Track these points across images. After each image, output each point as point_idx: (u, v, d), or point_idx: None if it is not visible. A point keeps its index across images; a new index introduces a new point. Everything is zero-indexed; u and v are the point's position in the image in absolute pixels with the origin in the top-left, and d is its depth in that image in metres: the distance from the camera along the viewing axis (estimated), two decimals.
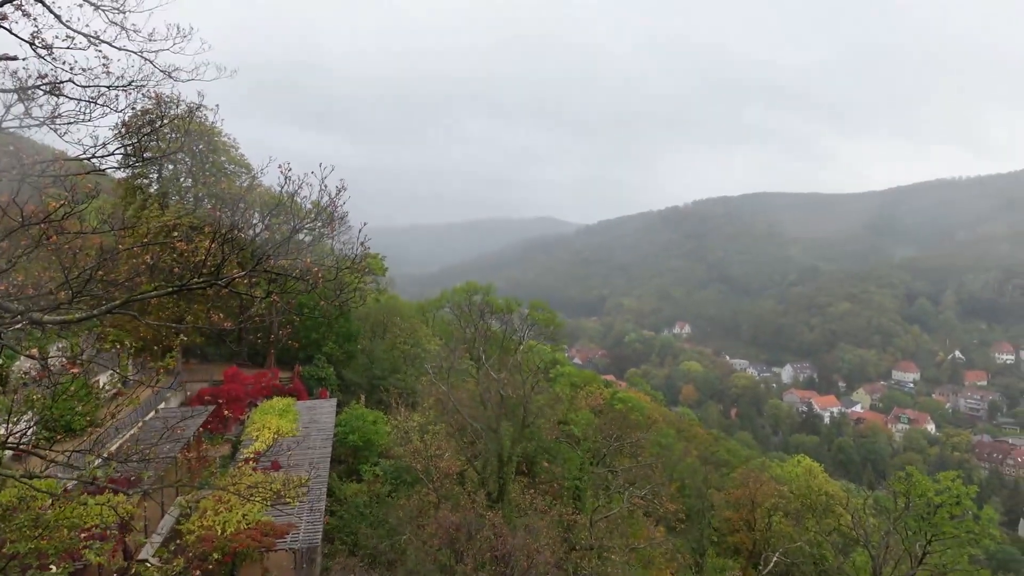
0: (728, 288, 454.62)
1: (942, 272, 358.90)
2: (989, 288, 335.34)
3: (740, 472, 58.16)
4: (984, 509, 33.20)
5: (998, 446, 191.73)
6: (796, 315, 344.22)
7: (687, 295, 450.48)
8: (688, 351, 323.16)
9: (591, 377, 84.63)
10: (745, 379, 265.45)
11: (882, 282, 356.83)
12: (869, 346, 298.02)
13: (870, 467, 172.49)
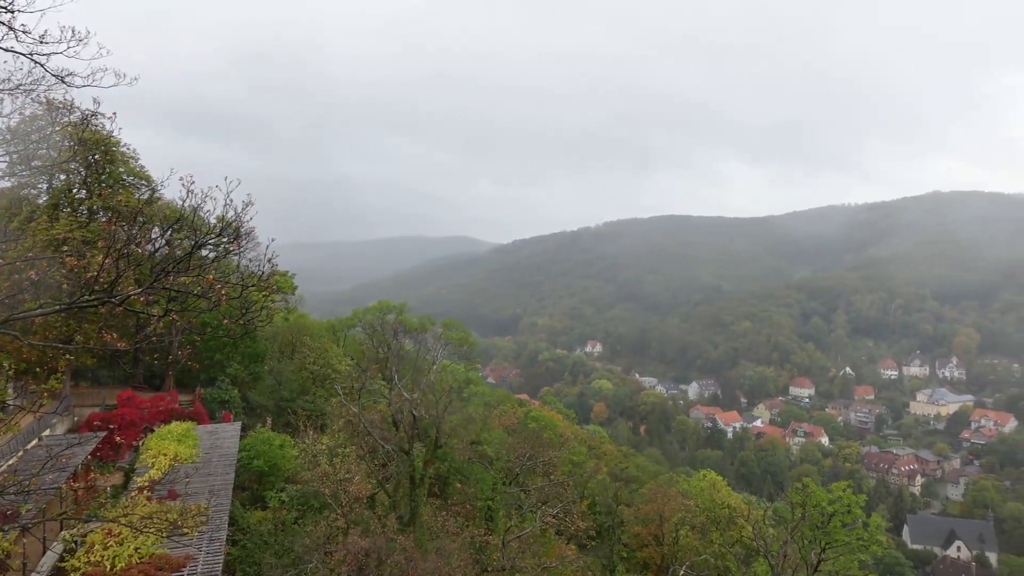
0: (638, 307, 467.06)
1: (833, 292, 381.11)
2: (875, 308, 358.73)
3: (649, 488, 59.44)
4: (872, 516, 35.23)
5: (884, 456, 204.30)
6: (702, 333, 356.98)
7: (598, 314, 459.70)
8: (599, 369, 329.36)
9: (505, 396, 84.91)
10: (654, 396, 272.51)
11: (780, 302, 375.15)
12: (768, 363, 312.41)
13: (770, 479, 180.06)
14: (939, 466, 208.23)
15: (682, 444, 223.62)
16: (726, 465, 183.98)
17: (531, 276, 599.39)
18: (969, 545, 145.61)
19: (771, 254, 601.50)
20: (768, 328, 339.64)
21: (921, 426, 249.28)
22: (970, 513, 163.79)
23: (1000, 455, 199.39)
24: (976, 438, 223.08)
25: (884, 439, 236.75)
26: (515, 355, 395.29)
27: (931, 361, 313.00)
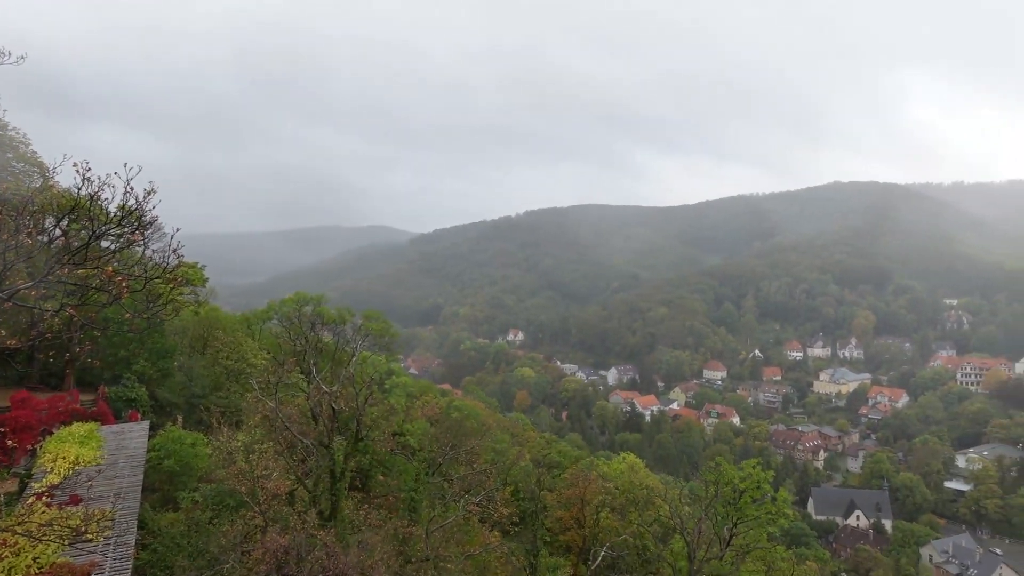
0: (558, 295, 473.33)
1: (743, 279, 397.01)
2: (782, 292, 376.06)
3: (570, 472, 60.41)
4: (780, 491, 37.07)
5: (790, 434, 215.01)
6: (620, 320, 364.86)
7: (520, 303, 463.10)
8: (521, 357, 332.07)
9: (427, 386, 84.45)
10: (575, 383, 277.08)
11: (694, 288, 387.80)
12: (684, 347, 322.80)
13: (686, 459, 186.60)
14: (840, 441, 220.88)
15: (602, 428, 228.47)
16: (644, 447, 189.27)
17: (452, 266, 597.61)
18: (867, 514, 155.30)
19: (685, 243, 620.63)
20: (683, 314, 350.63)
21: (824, 404, 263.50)
22: (868, 484, 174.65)
23: (894, 429, 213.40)
24: (873, 414, 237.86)
25: (791, 417, 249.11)
26: (437, 345, 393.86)
27: (833, 342, 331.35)
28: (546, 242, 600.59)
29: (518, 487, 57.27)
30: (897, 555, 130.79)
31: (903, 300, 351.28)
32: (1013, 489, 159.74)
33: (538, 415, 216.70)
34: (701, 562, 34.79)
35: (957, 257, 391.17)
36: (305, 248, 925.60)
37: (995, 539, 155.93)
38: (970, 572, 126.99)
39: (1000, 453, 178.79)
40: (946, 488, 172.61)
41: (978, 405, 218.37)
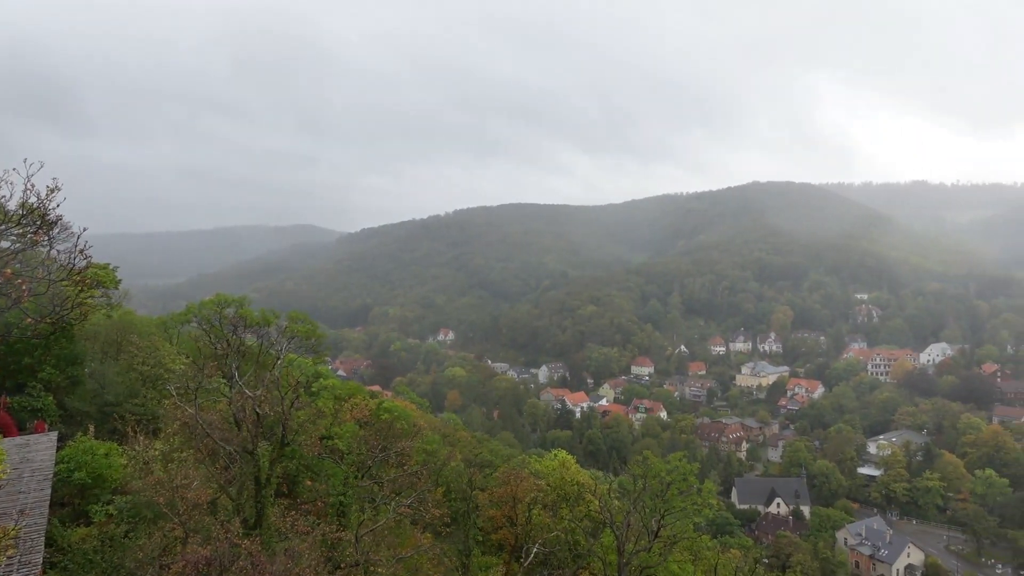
0: (488, 294, 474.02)
1: (669, 276, 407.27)
2: (705, 289, 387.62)
3: (502, 471, 60.51)
4: (705, 483, 38.25)
5: (715, 426, 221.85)
6: (550, 318, 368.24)
7: (450, 302, 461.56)
8: (452, 357, 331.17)
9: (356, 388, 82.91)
10: (506, 381, 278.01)
11: (621, 286, 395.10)
12: (612, 344, 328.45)
13: (615, 454, 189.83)
14: (761, 432, 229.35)
15: (534, 426, 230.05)
16: (575, 444, 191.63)
17: (381, 265, 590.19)
18: (787, 501, 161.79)
19: (612, 241, 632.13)
20: (611, 311, 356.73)
21: (746, 396, 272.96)
22: (787, 472, 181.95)
23: (811, 419, 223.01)
24: (791, 405, 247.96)
25: (715, 410, 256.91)
26: (366, 346, 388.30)
27: (753, 337, 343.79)
28: (476, 241, 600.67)
29: (450, 487, 57.01)
30: (815, 539, 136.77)
31: (818, 295, 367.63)
32: (919, 472, 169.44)
33: (469, 415, 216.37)
34: (630, 555, 35.44)
35: (866, 254, 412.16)
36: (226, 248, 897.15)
37: (903, 520, 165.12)
38: (881, 552, 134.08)
39: (907, 439, 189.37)
40: (859, 474, 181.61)
41: (887, 394, 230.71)
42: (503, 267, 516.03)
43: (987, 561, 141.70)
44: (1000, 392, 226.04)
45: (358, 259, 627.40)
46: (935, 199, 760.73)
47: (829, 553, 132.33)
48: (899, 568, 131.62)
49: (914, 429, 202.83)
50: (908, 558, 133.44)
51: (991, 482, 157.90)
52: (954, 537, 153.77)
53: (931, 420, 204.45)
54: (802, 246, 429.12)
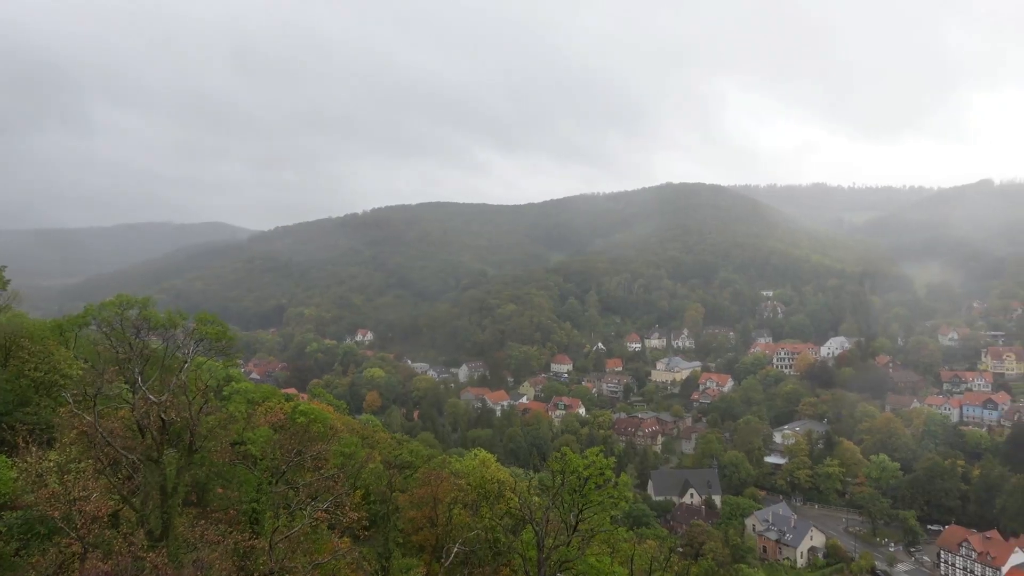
0: (408, 293, 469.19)
1: (586, 275, 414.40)
2: (621, 288, 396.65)
3: (423, 472, 60.13)
4: (621, 476, 39.05)
5: (631, 421, 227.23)
6: (470, 317, 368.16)
7: (368, 302, 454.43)
8: (371, 358, 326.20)
9: (270, 392, 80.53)
10: (426, 381, 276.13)
11: (540, 285, 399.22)
12: (532, 342, 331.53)
13: (535, 451, 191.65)
14: (675, 425, 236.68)
15: (454, 426, 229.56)
16: (496, 442, 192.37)
17: (296, 265, 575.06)
18: (699, 491, 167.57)
19: (531, 240, 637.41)
20: (531, 310, 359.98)
21: (661, 391, 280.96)
22: (700, 463, 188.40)
23: (721, 411, 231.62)
24: (703, 398, 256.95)
25: (631, 405, 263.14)
26: (281, 348, 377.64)
27: (668, 333, 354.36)
28: (395, 240, 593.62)
29: (369, 490, 56.11)
30: (726, 527, 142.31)
31: (727, 293, 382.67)
32: (820, 460, 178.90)
33: (389, 416, 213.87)
34: (550, 550, 35.85)
35: (771, 253, 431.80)
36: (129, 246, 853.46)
37: (807, 505, 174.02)
38: (786, 537, 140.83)
39: (809, 428, 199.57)
40: (766, 463, 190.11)
41: (791, 386, 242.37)
42: (423, 266, 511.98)
43: (881, 541, 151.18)
44: (892, 381, 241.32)
45: (272, 258, 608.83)
46: (834, 201, 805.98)
47: (739, 539, 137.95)
48: (803, 551, 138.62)
49: (816, 419, 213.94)
50: (811, 541, 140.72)
51: (884, 466, 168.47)
52: (852, 519, 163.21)
53: (831, 410, 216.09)
54: (712, 245, 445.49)
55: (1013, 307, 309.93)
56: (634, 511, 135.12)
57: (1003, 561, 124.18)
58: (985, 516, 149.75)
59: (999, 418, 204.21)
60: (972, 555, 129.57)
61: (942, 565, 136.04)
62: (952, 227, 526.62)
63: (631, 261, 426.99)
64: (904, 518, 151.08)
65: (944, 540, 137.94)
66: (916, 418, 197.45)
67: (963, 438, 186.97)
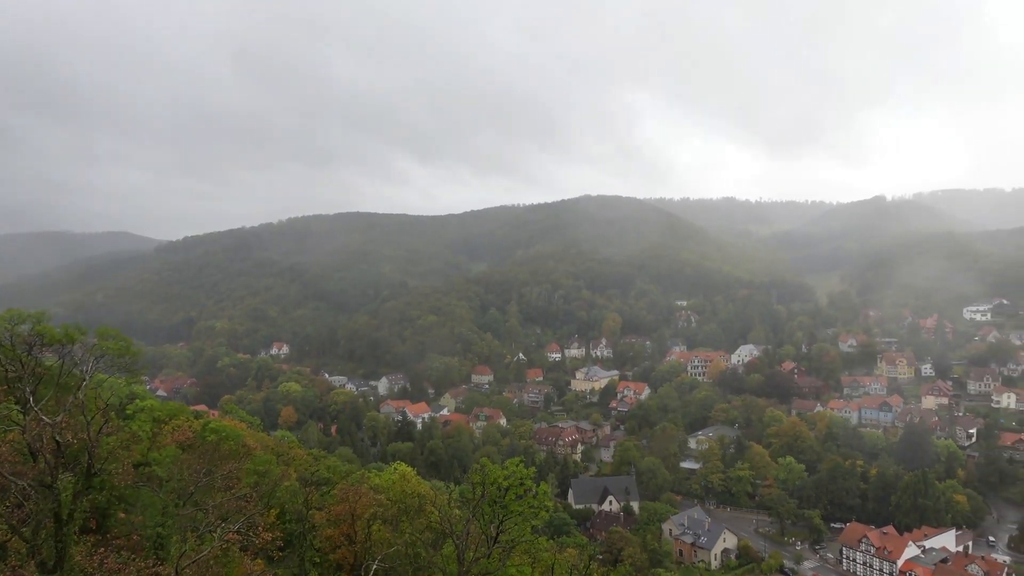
0: (326, 305, 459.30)
1: (507, 285, 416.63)
2: (542, 298, 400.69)
3: (340, 488, 58.71)
4: (541, 485, 39.23)
5: (552, 430, 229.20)
6: (390, 329, 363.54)
7: (284, 314, 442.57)
8: (287, 372, 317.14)
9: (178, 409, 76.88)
10: (344, 395, 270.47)
11: (461, 295, 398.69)
12: (453, 354, 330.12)
13: (457, 464, 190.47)
14: (595, 434, 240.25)
15: (374, 440, 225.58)
16: (417, 456, 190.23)
17: (207, 276, 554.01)
18: (618, 498, 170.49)
19: (452, 251, 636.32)
20: (451, 321, 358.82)
21: (580, 400, 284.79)
22: (618, 471, 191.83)
23: (639, 419, 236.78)
24: (621, 406, 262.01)
25: (552, 415, 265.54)
26: (190, 363, 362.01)
27: (587, 343, 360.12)
28: (312, 250, 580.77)
29: (284, 509, 54.39)
30: (643, 532, 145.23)
31: (643, 303, 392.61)
32: (732, 463, 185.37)
33: (306, 431, 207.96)
34: (470, 563, 35.63)
35: (685, 264, 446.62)
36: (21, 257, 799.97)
37: (720, 508, 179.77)
38: (701, 539, 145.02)
39: (722, 433, 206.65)
40: (681, 468, 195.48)
41: (704, 392, 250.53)
42: (341, 277, 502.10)
43: (789, 540, 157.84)
44: (797, 387, 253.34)
45: (180, 269, 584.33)
46: (743, 214, 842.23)
47: (656, 544, 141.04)
48: (716, 553, 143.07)
49: (727, 424, 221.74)
50: (724, 543, 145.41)
51: (791, 468, 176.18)
52: (762, 520, 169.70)
53: (741, 415, 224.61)
54: (629, 256, 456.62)
55: (904, 315, 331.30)
56: (555, 520, 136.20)
57: (899, 555, 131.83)
58: (882, 512, 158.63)
59: (893, 419, 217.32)
60: (871, 550, 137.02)
61: (844, 561, 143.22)
62: (849, 240, 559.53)
63: (551, 272, 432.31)
64: (809, 517, 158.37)
65: (846, 537, 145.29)
66: (819, 421, 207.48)
67: (862, 439, 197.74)
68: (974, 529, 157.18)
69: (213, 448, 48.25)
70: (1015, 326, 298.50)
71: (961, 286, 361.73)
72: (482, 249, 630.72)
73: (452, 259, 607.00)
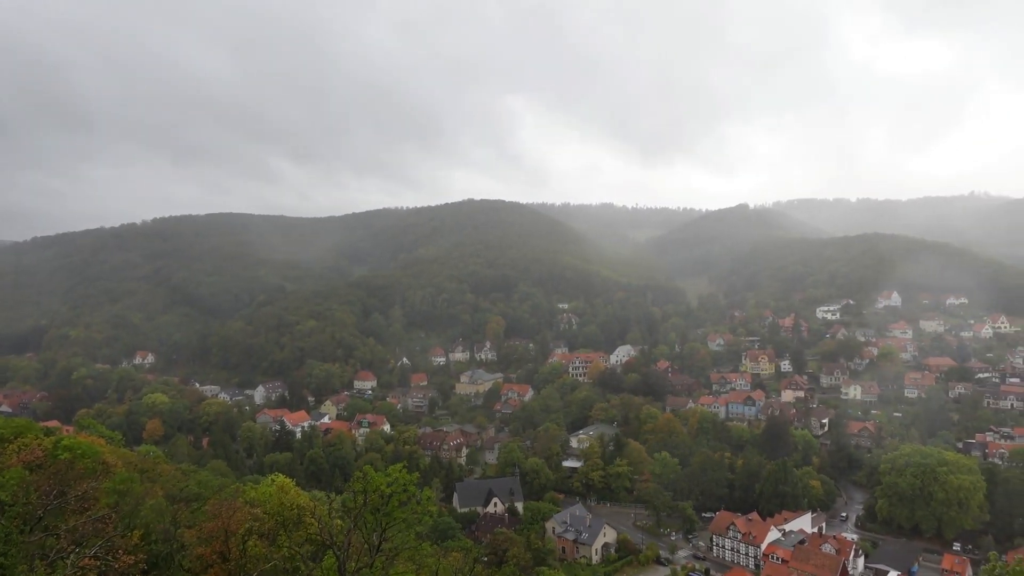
0: (196, 311, 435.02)
1: (390, 289, 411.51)
2: (426, 302, 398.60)
3: (213, 503, 55.61)
4: (424, 491, 38.82)
5: (436, 435, 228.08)
6: (267, 335, 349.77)
7: (149, 320, 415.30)
8: (152, 382, 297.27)
9: (25, 426, 70.26)
10: (217, 405, 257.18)
11: (343, 299, 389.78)
12: (334, 360, 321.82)
13: (338, 472, 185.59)
14: (479, 436, 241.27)
15: (250, 451, 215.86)
16: (296, 466, 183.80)
17: (60, 280, 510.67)
18: (502, 499, 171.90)
19: (333, 254, 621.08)
20: (332, 326, 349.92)
21: (465, 404, 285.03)
22: (503, 472, 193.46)
23: (523, 420, 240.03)
24: (505, 408, 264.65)
25: (436, 419, 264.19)
26: (40, 375, 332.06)
27: (471, 346, 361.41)
28: (181, 253, 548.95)
29: (149, 529, 50.80)
30: (527, 532, 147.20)
31: (526, 306, 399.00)
32: (611, 460, 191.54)
33: (174, 445, 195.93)
34: (352, 573, 34.72)
35: (566, 267, 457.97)
36: None
37: (600, 505, 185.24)
38: (583, 536, 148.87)
39: (601, 431, 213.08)
40: (564, 467, 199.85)
41: (585, 392, 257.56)
42: (213, 281, 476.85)
43: (664, 531, 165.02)
44: (671, 385, 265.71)
45: (28, 273, 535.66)
46: (620, 219, 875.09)
47: (540, 543, 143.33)
48: (597, 548, 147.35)
49: (607, 422, 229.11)
50: (604, 538, 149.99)
51: (666, 463, 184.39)
52: (640, 514, 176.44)
53: (620, 413, 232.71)
54: (512, 260, 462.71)
55: (765, 315, 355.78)
56: (439, 525, 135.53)
57: (762, 539, 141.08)
58: (748, 500, 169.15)
59: (757, 413, 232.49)
60: (738, 536, 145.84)
61: (714, 548, 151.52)
62: (717, 245, 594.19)
63: (435, 275, 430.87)
64: (683, 508, 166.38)
65: (715, 525, 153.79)
66: (691, 417, 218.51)
67: (729, 433, 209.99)
68: (827, 511, 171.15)
69: (66, 467, 44.39)
70: (860, 324, 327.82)
71: (814, 288, 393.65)
72: (364, 252, 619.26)
73: (333, 263, 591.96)
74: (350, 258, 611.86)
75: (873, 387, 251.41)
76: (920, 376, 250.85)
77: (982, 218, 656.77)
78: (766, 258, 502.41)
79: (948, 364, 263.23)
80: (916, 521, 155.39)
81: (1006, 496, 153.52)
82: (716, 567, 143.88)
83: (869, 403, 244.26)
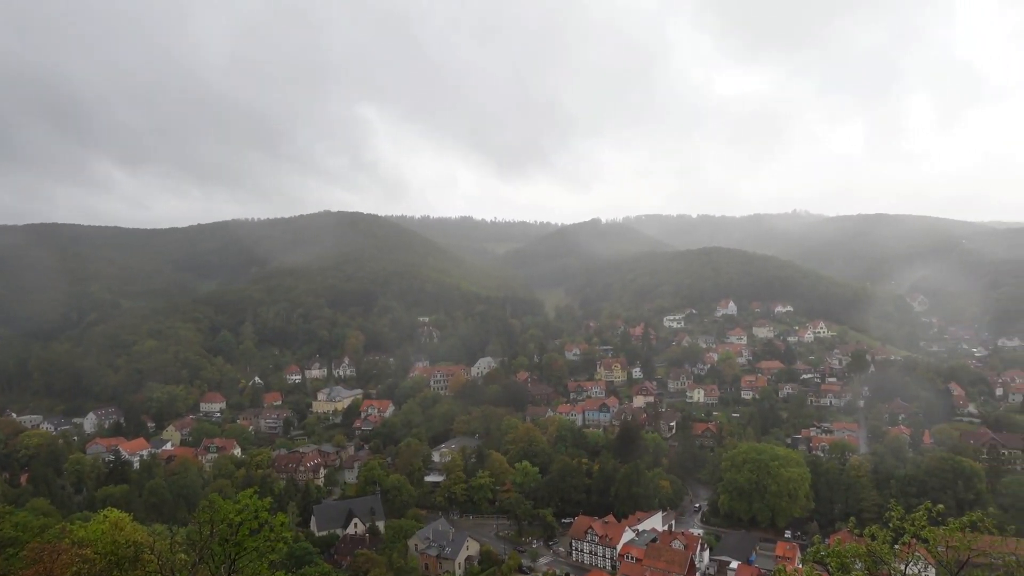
0: (13, 332, 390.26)
1: (241, 305, 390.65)
2: (280, 318, 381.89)
3: (32, 547, 49.78)
4: (278, 516, 36.60)
5: (292, 457, 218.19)
6: (99, 357, 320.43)
7: None
8: None
9: None
10: (39, 436, 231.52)
11: (187, 317, 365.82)
12: (177, 381, 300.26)
13: (183, 503, 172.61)
14: (338, 456, 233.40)
15: (79, 486, 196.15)
16: (134, 499, 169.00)
17: None
18: (363, 520, 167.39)
19: (175, 268, 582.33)
20: (175, 345, 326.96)
21: (323, 422, 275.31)
22: (363, 491, 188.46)
23: (383, 437, 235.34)
24: (365, 425, 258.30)
25: (292, 440, 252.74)
26: None
27: (329, 363, 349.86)
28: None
29: None
30: (390, 551, 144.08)
31: (386, 320, 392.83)
32: (474, 473, 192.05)
33: None
34: None
35: (426, 281, 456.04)
36: None
37: (463, 518, 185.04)
38: (446, 551, 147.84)
39: (464, 444, 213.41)
40: (426, 482, 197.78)
41: (446, 406, 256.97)
42: (34, 299, 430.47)
43: (526, 539, 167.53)
44: (531, 395, 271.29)
45: None
46: (480, 233, 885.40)
47: (403, 561, 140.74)
48: (460, 561, 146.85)
49: (469, 435, 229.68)
50: (468, 551, 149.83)
51: (526, 472, 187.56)
52: (502, 524, 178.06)
53: (481, 425, 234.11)
54: (372, 273, 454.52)
55: (617, 325, 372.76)
56: (295, 551, 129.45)
57: (618, 540, 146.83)
58: (604, 503, 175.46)
59: (611, 418, 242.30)
60: (595, 539, 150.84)
61: (574, 552, 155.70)
62: (572, 258, 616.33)
63: (290, 290, 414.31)
64: (543, 516, 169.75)
65: (574, 530, 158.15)
66: (550, 425, 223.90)
67: (586, 439, 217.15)
68: (676, 509, 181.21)
69: None
70: (702, 331, 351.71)
71: (662, 298, 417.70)
72: (212, 267, 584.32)
73: (176, 277, 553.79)
74: (196, 272, 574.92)
75: (714, 390, 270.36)
76: (754, 378, 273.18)
77: (803, 235, 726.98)
78: (618, 270, 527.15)
79: (778, 367, 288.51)
80: (753, 513, 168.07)
81: (827, 485, 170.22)
82: (575, 571, 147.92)
83: (711, 405, 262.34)
